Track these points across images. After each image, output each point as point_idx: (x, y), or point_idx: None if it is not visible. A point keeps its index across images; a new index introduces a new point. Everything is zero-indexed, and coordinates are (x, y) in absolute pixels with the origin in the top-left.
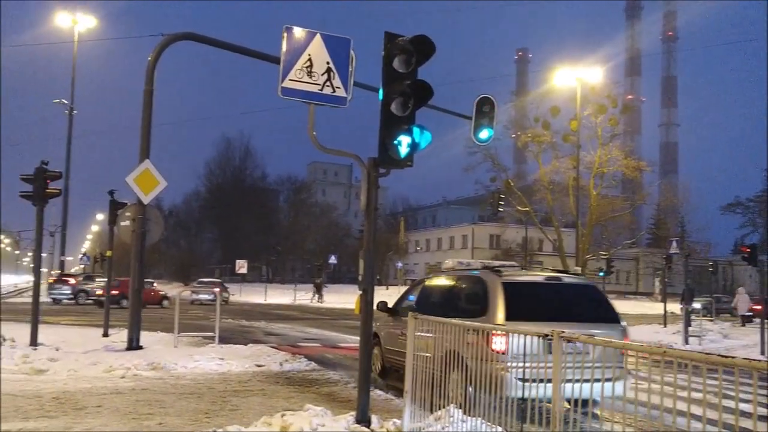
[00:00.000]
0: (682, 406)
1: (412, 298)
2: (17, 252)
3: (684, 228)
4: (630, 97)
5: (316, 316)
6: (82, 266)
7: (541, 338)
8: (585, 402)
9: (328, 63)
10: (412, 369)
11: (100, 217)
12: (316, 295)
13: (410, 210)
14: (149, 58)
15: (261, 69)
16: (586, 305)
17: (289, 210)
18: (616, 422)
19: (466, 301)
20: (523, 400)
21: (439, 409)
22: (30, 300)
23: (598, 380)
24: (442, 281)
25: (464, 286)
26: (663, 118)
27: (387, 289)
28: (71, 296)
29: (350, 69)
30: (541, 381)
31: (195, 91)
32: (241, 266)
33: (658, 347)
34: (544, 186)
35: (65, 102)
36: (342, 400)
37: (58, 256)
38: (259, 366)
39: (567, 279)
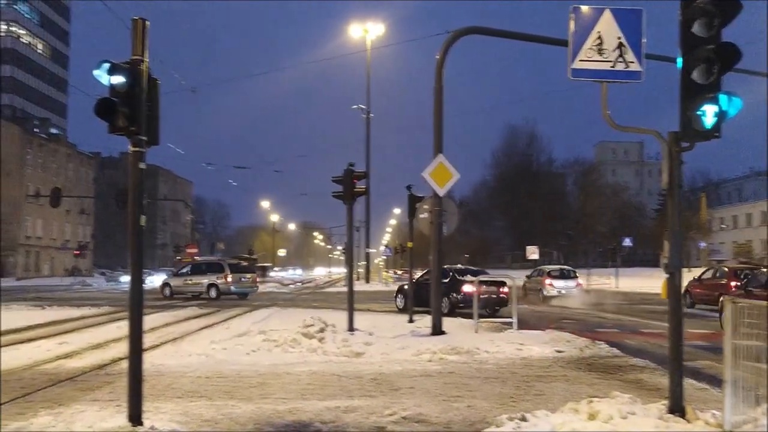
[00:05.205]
0: None
1: (186, 269)
2: (329, 246)
3: None
4: None
5: (612, 300)
6: (385, 257)
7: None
8: (244, 294)
9: (619, 38)
10: (732, 357)
11: (397, 211)
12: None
13: (711, 185)
14: (437, 57)
15: (543, 54)
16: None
17: (578, 193)
18: None
19: (215, 269)
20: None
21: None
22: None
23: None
24: (203, 262)
25: (213, 264)
26: None
27: (690, 271)
28: None
29: (642, 41)
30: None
31: (479, 82)
32: (533, 252)
33: None
34: None
35: (362, 107)
36: (650, 387)
37: (363, 249)
38: (559, 352)
39: (253, 261)
